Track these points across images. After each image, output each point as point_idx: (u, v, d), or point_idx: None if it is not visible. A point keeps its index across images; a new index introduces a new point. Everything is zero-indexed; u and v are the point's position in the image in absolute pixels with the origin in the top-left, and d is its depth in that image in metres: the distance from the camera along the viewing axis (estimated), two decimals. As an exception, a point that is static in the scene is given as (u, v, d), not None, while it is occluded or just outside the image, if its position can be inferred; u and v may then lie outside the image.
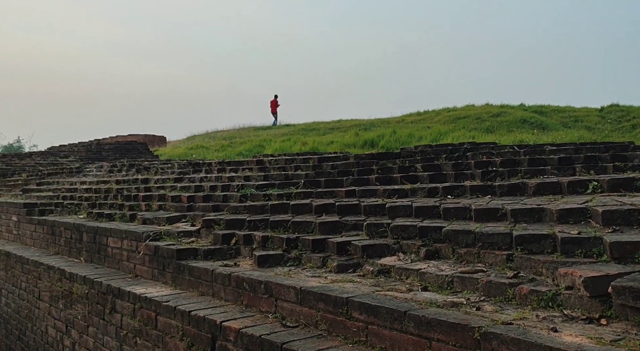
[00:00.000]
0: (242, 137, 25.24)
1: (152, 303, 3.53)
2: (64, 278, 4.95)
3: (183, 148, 23.10)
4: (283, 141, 21.21)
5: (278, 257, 3.50)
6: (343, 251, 3.27)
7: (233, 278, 3.24)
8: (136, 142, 17.36)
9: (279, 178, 5.53)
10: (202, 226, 4.44)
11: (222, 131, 30.77)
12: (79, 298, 4.63)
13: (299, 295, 2.70)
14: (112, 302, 4.07)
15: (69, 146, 18.24)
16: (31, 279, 5.79)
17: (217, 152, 20.95)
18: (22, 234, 7.24)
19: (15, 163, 13.93)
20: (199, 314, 3.05)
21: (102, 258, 5.03)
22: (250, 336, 2.60)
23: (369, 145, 16.75)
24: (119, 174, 9.11)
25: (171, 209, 5.38)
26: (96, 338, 4.31)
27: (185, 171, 7.44)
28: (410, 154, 5.64)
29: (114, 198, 6.65)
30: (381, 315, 2.23)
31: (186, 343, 3.11)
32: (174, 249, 3.92)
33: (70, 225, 5.77)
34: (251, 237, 3.92)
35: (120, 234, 4.72)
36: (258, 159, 6.87)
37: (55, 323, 5.11)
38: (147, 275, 4.26)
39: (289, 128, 27.82)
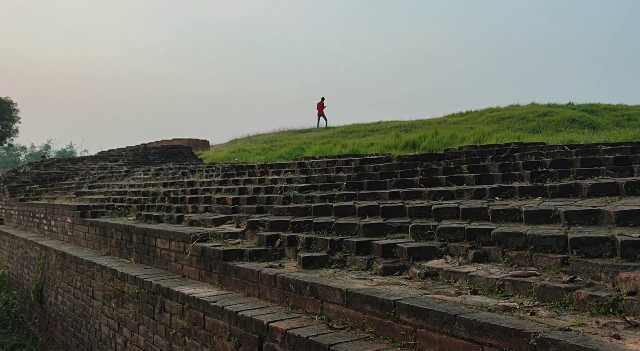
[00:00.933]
0: (283, 140, 25.51)
1: (200, 303, 3.60)
2: (116, 278, 5.13)
3: (226, 152, 23.58)
4: (323, 143, 21.27)
5: (322, 259, 3.50)
6: (388, 254, 3.24)
7: (279, 279, 3.27)
8: (181, 146, 17.84)
9: (321, 180, 5.55)
10: (247, 228, 4.50)
11: (263, 134, 31.21)
12: (130, 297, 4.80)
13: (345, 297, 2.69)
14: (161, 302, 4.19)
15: (117, 150, 18.95)
16: (85, 278, 6.04)
17: (259, 155, 21.25)
18: (76, 235, 7.57)
19: (69, 167, 14.61)
20: (246, 314, 3.09)
21: (151, 258, 5.19)
22: (297, 338, 2.61)
23: (410, 147, 16.56)
24: (165, 177, 9.39)
25: (217, 211, 5.49)
26: (147, 336, 4.44)
27: (229, 174, 7.59)
28: (455, 155, 5.53)
29: (161, 200, 6.86)
30: (430, 318, 2.19)
31: (234, 343, 3.16)
32: (220, 250, 3.99)
33: (121, 227, 5.99)
34: (295, 239, 3.94)
35: (169, 235, 4.86)
36: (300, 161, 6.93)
37: (108, 321, 5.31)
38: (194, 276, 4.36)
39: (328, 131, 27.89)
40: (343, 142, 20.92)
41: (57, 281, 7.19)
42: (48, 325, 7.47)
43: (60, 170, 14.16)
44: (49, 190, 11.87)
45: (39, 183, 12.86)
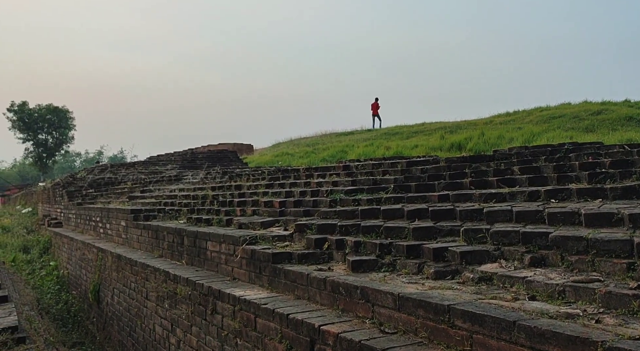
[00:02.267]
0: (325, 143, 25.60)
1: (251, 305, 3.66)
2: (169, 280, 5.30)
3: (269, 155, 23.91)
4: (366, 146, 21.20)
5: (372, 262, 3.48)
6: (440, 258, 3.19)
7: (328, 282, 3.28)
8: (227, 151, 18.23)
9: (367, 182, 5.52)
10: (295, 231, 4.54)
11: (305, 137, 31.45)
12: (182, 298, 4.94)
13: (397, 301, 2.67)
14: (213, 303, 4.29)
15: (165, 155, 19.58)
16: (139, 280, 6.26)
17: (302, 158, 21.42)
18: (130, 238, 7.87)
19: (121, 172, 15.22)
20: (297, 317, 3.11)
21: (202, 261, 5.32)
22: (350, 341, 2.61)
23: (455, 148, 16.24)
24: (213, 181, 9.62)
25: (264, 214, 5.58)
26: (199, 337, 4.56)
27: (275, 177, 7.69)
28: (505, 157, 5.37)
29: (210, 203, 7.03)
30: (487, 324, 2.14)
31: (285, 345, 3.19)
32: (269, 253, 4.05)
33: (172, 230, 6.18)
34: (343, 242, 3.94)
35: (219, 238, 4.97)
36: (345, 164, 6.92)
37: (162, 322, 5.49)
38: (244, 278, 4.44)
39: (371, 133, 27.76)
40: (386, 144, 20.77)
41: (113, 282, 7.50)
42: (105, 324, 7.79)
43: (114, 175, 14.78)
44: (103, 194, 12.41)
45: (94, 188, 13.47)
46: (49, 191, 16.64)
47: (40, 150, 46.77)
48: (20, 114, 46.13)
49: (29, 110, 46.53)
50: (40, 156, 46.80)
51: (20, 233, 15.14)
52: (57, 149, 48.33)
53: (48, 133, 47.21)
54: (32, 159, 48.00)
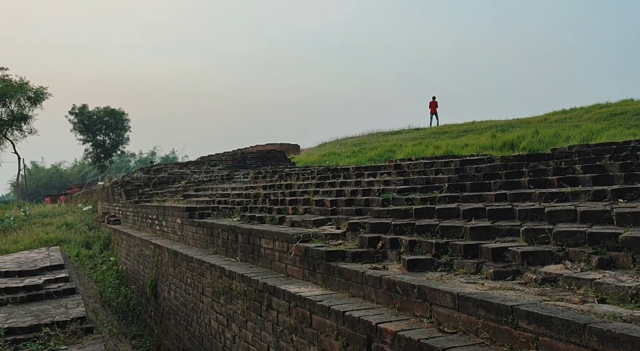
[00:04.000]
0: (372, 143, 25.49)
1: (307, 302, 3.71)
2: (224, 276, 5.45)
3: (316, 155, 24.06)
4: (414, 145, 20.94)
5: (428, 262, 3.45)
6: (499, 258, 3.11)
7: (384, 281, 3.28)
8: (275, 151, 18.51)
9: (419, 182, 5.47)
10: (348, 229, 4.56)
11: (352, 137, 31.43)
12: (237, 294, 5.07)
13: (457, 300, 2.64)
14: (268, 299, 4.38)
15: (216, 155, 20.12)
16: (195, 275, 6.48)
17: (349, 158, 21.43)
18: (185, 235, 8.14)
19: (175, 172, 15.78)
20: (354, 315, 3.13)
21: (256, 257, 5.44)
22: (409, 340, 2.60)
23: (508, 147, 15.77)
24: (263, 180, 9.80)
25: (316, 213, 5.63)
26: (254, 332, 4.66)
27: (324, 177, 7.74)
28: (565, 155, 5.18)
29: (262, 202, 7.17)
30: (554, 326, 2.08)
31: (341, 342, 3.22)
32: (323, 251, 4.09)
33: (227, 227, 6.35)
34: (397, 241, 3.93)
35: (272, 236, 5.06)
36: (396, 163, 6.88)
37: (217, 317, 5.65)
38: (298, 275, 4.51)
39: (419, 132, 27.39)
40: (435, 143, 20.43)
41: (169, 278, 7.79)
42: (162, 318, 8.11)
43: (168, 174, 15.34)
44: (158, 193, 12.91)
45: (150, 187, 14.03)
46: (108, 190, 17.47)
47: (99, 151, 49.19)
48: (81, 116, 48.71)
49: (89, 113, 49.05)
50: (99, 156, 49.20)
51: (82, 229, 15.99)
52: (113, 150, 50.66)
53: (105, 134, 49.59)
54: (91, 160, 50.54)
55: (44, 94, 38.31)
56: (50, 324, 5.48)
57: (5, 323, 5.58)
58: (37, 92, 37.91)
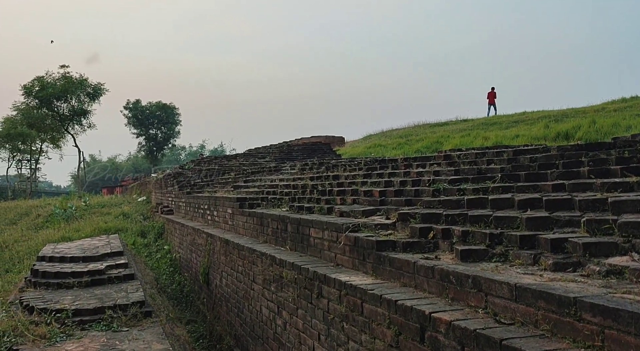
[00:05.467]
0: (418, 135, 25.10)
1: (358, 290, 3.74)
2: (275, 264, 5.56)
3: (361, 147, 23.96)
4: (462, 136, 20.47)
5: (482, 252, 3.39)
6: (558, 249, 3.02)
7: (437, 270, 3.25)
8: (321, 143, 18.59)
9: (470, 172, 5.36)
10: (398, 219, 4.54)
11: (398, 129, 31.07)
12: (288, 282, 5.16)
13: (514, 291, 2.58)
14: (318, 288, 4.44)
15: (263, 148, 20.43)
16: (246, 263, 6.64)
17: (395, 150, 21.21)
18: (236, 224, 8.35)
19: (225, 164, 16.17)
20: (406, 304, 3.13)
21: (305, 247, 5.52)
22: (464, 330, 2.57)
23: (562, 138, 15.13)
24: (310, 172, 9.88)
25: (364, 203, 5.63)
26: (305, 319, 4.74)
27: (372, 168, 7.72)
28: (628, 144, 4.92)
29: (310, 193, 7.24)
30: (622, 319, 2.00)
31: (393, 331, 3.23)
32: (373, 241, 4.09)
33: (276, 217, 6.46)
34: (449, 231, 3.88)
35: (321, 225, 5.11)
36: (446, 154, 6.76)
37: (268, 304, 5.78)
38: (347, 264, 4.54)
39: (467, 123, 26.74)
40: (484, 134, 19.89)
41: (221, 266, 8.02)
42: (214, 304, 8.38)
43: (218, 166, 15.74)
44: (209, 184, 13.28)
45: (201, 178, 14.45)
46: (161, 181, 18.14)
47: (151, 144, 51.06)
48: (134, 111, 50.70)
49: (142, 107, 50.98)
50: (151, 150, 51.10)
51: (137, 219, 16.70)
52: (165, 143, 52.46)
53: (158, 128, 51.40)
54: (145, 153, 52.56)
55: (101, 89, 40.12)
56: (112, 307, 5.80)
57: (73, 304, 5.95)
58: (95, 88, 39.75)
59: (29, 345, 4.93)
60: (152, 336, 5.20)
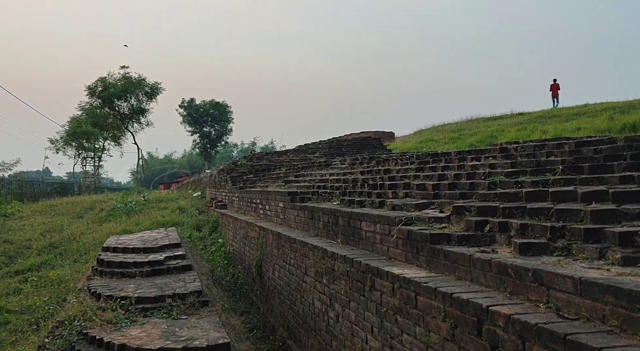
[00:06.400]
0: (472, 129, 24.46)
1: (411, 283, 3.70)
2: (326, 257, 5.60)
3: (412, 142, 23.64)
4: (518, 130, 19.76)
5: (542, 246, 3.27)
6: (627, 243, 2.86)
7: (494, 264, 3.17)
8: (370, 138, 18.48)
9: (529, 165, 5.17)
10: (452, 213, 4.45)
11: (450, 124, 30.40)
12: (340, 275, 5.18)
13: (579, 285, 2.47)
14: (371, 280, 4.43)
15: (312, 144, 20.55)
16: (298, 256, 6.73)
17: (447, 144, 20.78)
18: (287, 218, 8.47)
19: (275, 160, 16.42)
20: (462, 297, 3.07)
21: (357, 240, 5.52)
22: (524, 324, 2.50)
23: (628, 130, 14.29)
24: (360, 166, 9.85)
25: (417, 197, 5.56)
26: (357, 312, 4.75)
27: (424, 161, 7.59)
28: None
29: (361, 187, 7.22)
30: (701, 315, 1.87)
31: (449, 324, 3.17)
32: (427, 234, 4.04)
33: (327, 210, 6.49)
34: (507, 224, 3.76)
35: (373, 218, 5.09)
36: (502, 146, 6.56)
37: (320, 297, 5.84)
38: (400, 258, 4.50)
39: (522, 117, 25.79)
40: (542, 128, 19.10)
41: (273, 258, 8.17)
42: (267, 296, 8.55)
43: (269, 162, 16.01)
44: (261, 179, 13.53)
45: (253, 173, 14.75)
46: (215, 177, 18.67)
47: (205, 141, 52.63)
48: (189, 109, 52.42)
49: (196, 106, 52.63)
50: (205, 147, 52.68)
51: (193, 213, 17.28)
52: (218, 140, 53.92)
53: (211, 126, 52.90)
54: (199, 150, 54.27)
55: (158, 88, 41.81)
56: (172, 296, 6.04)
57: (135, 293, 6.25)
58: (153, 87, 41.47)
59: (97, 329, 5.24)
60: (209, 325, 5.38)
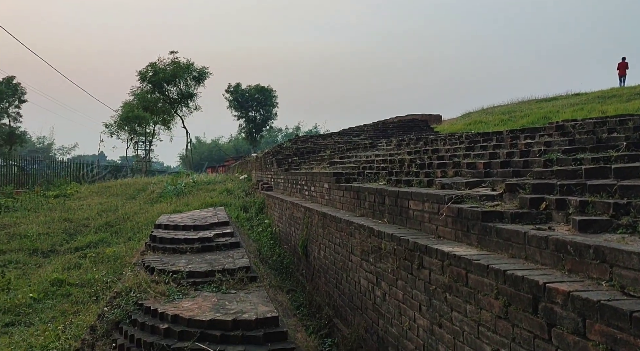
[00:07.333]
0: (523, 111, 23.56)
1: (462, 260, 3.62)
2: (373, 236, 5.56)
3: (460, 124, 23.02)
4: (574, 111, 18.86)
5: (604, 223, 3.10)
6: (701, 219, 2.66)
7: (551, 241, 3.03)
8: (417, 120, 18.15)
9: (588, 142, 4.92)
10: (505, 191, 4.30)
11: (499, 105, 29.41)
12: (387, 253, 5.14)
13: (647, 262, 2.33)
14: (419, 258, 4.37)
15: (357, 127, 20.39)
16: (344, 236, 6.73)
17: (497, 126, 20.09)
18: (332, 199, 8.47)
19: (320, 142, 16.43)
20: (516, 274, 2.96)
21: (404, 219, 5.45)
22: (585, 300, 2.38)
23: (699, 108, 13.32)
24: (407, 147, 9.69)
25: (467, 175, 5.41)
26: (405, 290, 4.71)
27: (474, 141, 7.38)
28: None
29: (408, 166, 7.11)
30: None
31: (502, 301, 3.08)
32: (478, 211, 3.92)
33: (373, 190, 6.44)
34: (565, 202, 3.59)
35: (421, 197, 5.00)
36: (558, 124, 6.27)
37: (367, 275, 5.83)
38: (449, 236, 4.40)
39: (579, 97, 24.57)
40: (600, 108, 18.15)
41: (319, 238, 8.22)
42: (313, 275, 8.63)
43: (313, 145, 16.04)
44: (306, 161, 13.59)
45: (298, 156, 14.83)
46: (261, 160, 18.92)
47: (251, 126, 53.41)
48: (235, 94, 53.23)
49: (242, 90, 53.36)
50: (251, 131, 53.48)
51: (240, 195, 17.64)
52: (263, 125, 54.58)
53: (256, 111, 53.58)
54: (244, 134, 55.16)
55: (205, 73, 42.66)
56: (221, 271, 6.21)
57: (186, 267, 6.47)
58: (201, 71, 42.33)
59: (152, 300, 5.47)
60: (257, 299, 5.50)
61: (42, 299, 8.88)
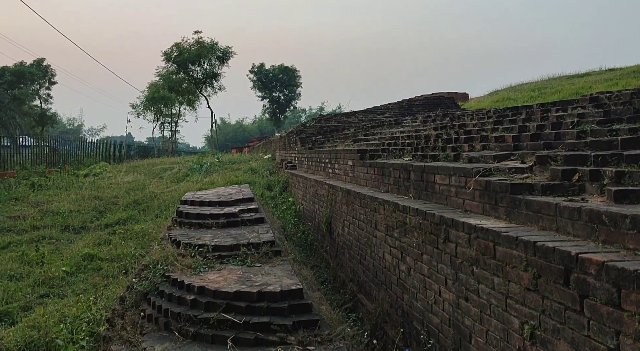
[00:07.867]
0: (554, 87, 22.81)
1: (490, 233, 3.54)
2: (397, 211, 5.50)
3: (487, 102, 22.45)
4: (608, 86, 18.13)
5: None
6: None
7: (585, 212, 2.92)
8: (443, 97, 17.80)
9: (625, 112, 4.73)
10: (535, 163, 4.17)
11: (529, 83, 28.54)
12: (412, 228, 5.08)
13: (688, 230, 2.21)
14: (445, 232, 4.30)
15: (381, 106, 20.12)
16: (368, 212, 6.69)
17: (526, 104, 19.55)
18: (356, 175, 8.41)
19: (344, 121, 16.30)
20: (547, 245, 2.88)
21: (430, 194, 5.36)
22: (621, 270, 2.29)
23: None
24: (433, 123, 9.52)
25: (495, 149, 5.27)
26: (430, 265, 4.66)
27: (503, 115, 7.18)
28: None
29: (434, 142, 6.97)
30: None
31: (532, 273, 3.00)
32: (507, 184, 3.82)
33: (398, 166, 6.35)
34: (599, 173, 3.45)
35: (448, 171, 4.90)
36: (592, 96, 6.04)
37: (391, 250, 5.79)
38: (476, 210, 4.31)
39: (613, 72, 23.61)
40: (636, 83, 17.40)
41: (343, 215, 8.20)
42: (337, 252, 8.65)
43: (337, 123, 15.93)
44: (329, 139, 13.52)
45: (322, 134, 14.76)
46: (285, 139, 18.92)
47: (274, 106, 53.37)
48: (259, 74, 53.11)
49: (265, 71, 53.19)
50: (274, 112, 53.47)
51: (264, 174, 17.74)
52: (287, 105, 54.47)
53: (280, 91, 53.43)
54: (268, 115, 55.21)
55: (229, 53, 42.63)
56: (246, 245, 6.27)
57: (212, 241, 6.55)
58: (225, 51, 42.31)
59: (178, 273, 5.57)
60: (282, 272, 5.54)
61: (74, 272, 9.17)
